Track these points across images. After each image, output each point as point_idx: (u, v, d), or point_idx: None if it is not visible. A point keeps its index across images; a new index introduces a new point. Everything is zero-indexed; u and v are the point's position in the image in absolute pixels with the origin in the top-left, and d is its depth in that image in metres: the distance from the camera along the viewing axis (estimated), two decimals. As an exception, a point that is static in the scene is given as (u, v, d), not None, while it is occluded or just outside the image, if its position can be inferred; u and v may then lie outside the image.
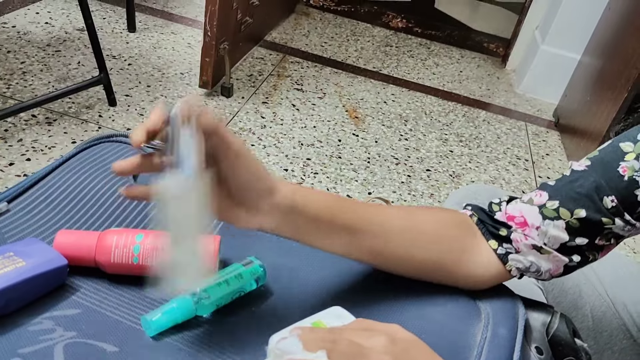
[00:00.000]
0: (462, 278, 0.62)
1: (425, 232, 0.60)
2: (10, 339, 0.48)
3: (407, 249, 0.59)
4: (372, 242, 0.58)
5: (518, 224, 0.60)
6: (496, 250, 0.61)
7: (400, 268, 0.62)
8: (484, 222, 0.62)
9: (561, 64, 2.38)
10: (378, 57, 2.54)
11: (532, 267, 0.60)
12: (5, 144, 1.53)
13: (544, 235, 0.59)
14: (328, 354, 0.44)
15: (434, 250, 0.60)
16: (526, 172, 1.97)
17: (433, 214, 0.63)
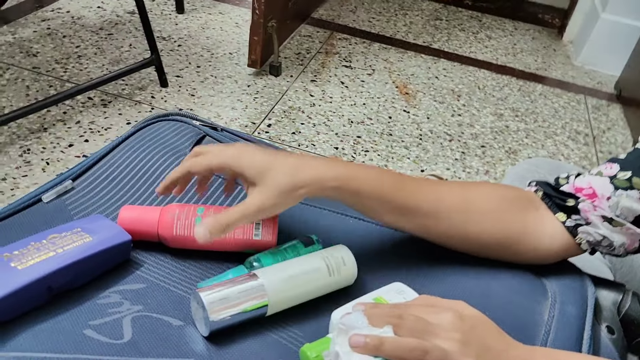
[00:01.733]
0: (525, 253, 0.60)
1: (480, 209, 0.59)
2: (81, 311, 0.50)
3: (460, 227, 0.58)
4: (422, 221, 0.57)
5: (587, 195, 0.57)
6: (565, 223, 0.58)
7: (456, 245, 0.60)
8: (549, 195, 0.60)
9: (623, 33, 2.26)
10: (428, 31, 2.48)
11: (604, 242, 0.57)
12: (64, 126, 1.58)
13: (615, 207, 0.56)
14: (394, 329, 0.43)
15: (489, 226, 0.58)
16: (586, 147, 1.89)
17: (488, 190, 0.60)
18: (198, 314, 0.50)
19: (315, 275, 0.53)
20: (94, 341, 0.47)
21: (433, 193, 0.58)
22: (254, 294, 0.50)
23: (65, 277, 0.50)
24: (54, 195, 0.62)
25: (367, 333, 0.43)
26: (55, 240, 0.51)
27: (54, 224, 0.58)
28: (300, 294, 0.53)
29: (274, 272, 0.52)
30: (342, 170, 0.53)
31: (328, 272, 0.54)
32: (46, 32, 1.99)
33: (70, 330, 0.48)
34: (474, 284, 0.60)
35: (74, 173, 0.65)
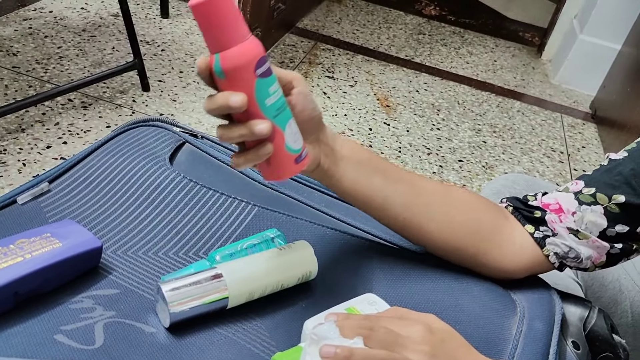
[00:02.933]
0: (494, 258, 0.61)
1: (459, 199, 0.61)
2: (52, 316, 0.49)
3: (443, 208, 0.59)
4: (405, 190, 0.58)
5: (553, 210, 0.59)
6: (533, 235, 0.60)
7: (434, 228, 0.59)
8: (518, 209, 0.61)
9: (600, 54, 2.32)
10: (410, 45, 2.51)
11: (571, 253, 0.59)
12: (43, 127, 1.56)
13: (580, 221, 0.57)
14: (365, 341, 0.44)
15: (470, 216, 0.60)
16: (561, 164, 1.93)
17: (466, 190, 0.63)
18: (160, 306, 0.51)
19: (267, 254, 0.56)
20: (65, 346, 0.47)
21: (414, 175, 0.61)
22: (214, 288, 0.51)
23: (32, 283, 0.49)
24: (30, 197, 0.62)
25: (337, 344, 0.44)
26: (23, 245, 0.51)
27: (28, 225, 0.58)
28: (258, 278, 0.54)
29: (234, 266, 0.53)
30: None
31: (279, 249, 0.56)
32: (27, 31, 1.97)
33: (40, 335, 0.47)
34: (445, 297, 0.61)
35: (51, 175, 0.65)
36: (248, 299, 0.54)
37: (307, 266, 0.57)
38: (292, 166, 0.49)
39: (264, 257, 0.55)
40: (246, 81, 0.44)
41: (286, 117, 0.47)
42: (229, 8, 0.43)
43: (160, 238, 0.60)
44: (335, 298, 0.57)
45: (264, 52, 0.45)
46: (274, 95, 0.46)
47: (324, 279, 0.60)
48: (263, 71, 0.45)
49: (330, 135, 0.55)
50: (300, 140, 0.49)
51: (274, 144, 0.47)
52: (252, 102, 0.45)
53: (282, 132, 0.47)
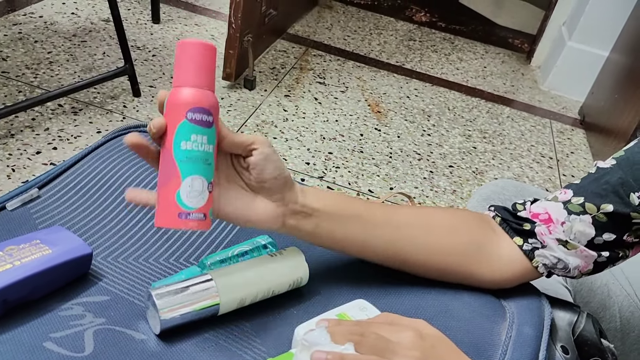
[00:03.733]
0: (482, 274, 0.61)
1: (439, 224, 0.61)
2: (42, 323, 0.49)
3: (423, 238, 0.59)
4: (385, 232, 0.58)
5: (542, 220, 0.59)
6: (522, 247, 0.60)
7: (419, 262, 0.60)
8: (506, 220, 0.62)
9: (588, 61, 2.34)
10: (401, 51, 2.53)
11: (560, 264, 0.59)
12: (32, 132, 1.56)
13: (569, 231, 0.58)
14: (356, 347, 0.44)
15: (451, 240, 0.60)
16: (550, 170, 1.95)
17: (446, 210, 0.63)
18: (151, 312, 0.51)
19: (258, 260, 0.56)
20: (54, 354, 0.47)
21: (391, 209, 0.60)
22: (205, 295, 0.51)
23: (21, 290, 0.49)
24: (19, 203, 0.61)
25: (328, 350, 0.44)
26: (12, 252, 0.51)
27: (17, 232, 0.57)
28: (249, 285, 0.54)
29: (225, 272, 0.53)
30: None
31: (270, 255, 0.56)
32: (17, 36, 1.96)
33: (30, 343, 0.47)
34: (435, 303, 0.61)
35: (41, 181, 0.65)
36: (239, 305, 0.54)
37: (298, 272, 0.57)
38: (174, 218, 0.47)
39: (255, 263, 0.55)
40: (174, 117, 0.47)
41: (194, 171, 0.47)
42: (204, 58, 0.48)
43: (150, 244, 0.60)
44: (326, 304, 0.57)
45: (208, 105, 0.48)
46: (194, 144, 0.47)
47: (315, 285, 0.60)
48: (196, 119, 0.47)
49: (299, 192, 0.54)
50: (201, 202, 0.48)
51: (165, 187, 0.47)
52: (169, 137, 0.47)
53: (179, 179, 0.47)
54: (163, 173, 0.48)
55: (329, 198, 0.56)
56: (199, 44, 0.47)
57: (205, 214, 0.48)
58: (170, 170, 0.47)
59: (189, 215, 0.47)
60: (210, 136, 0.48)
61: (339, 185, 1.63)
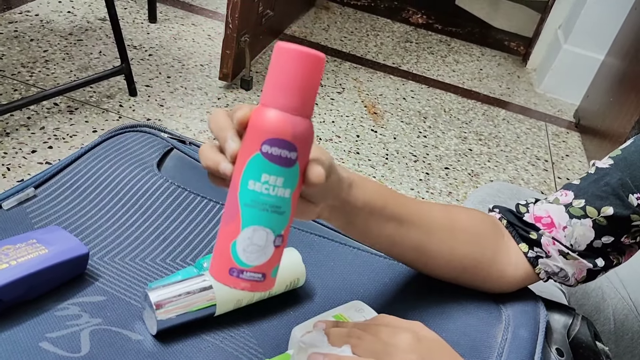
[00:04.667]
0: (494, 279, 0.61)
1: (464, 229, 0.59)
2: (38, 323, 0.49)
3: (449, 244, 0.58)
4: (416, 234, 0.56)
5: (545, 225, 0.60)
6: (527, 254, 0.60)
7: (440, 265, 0.59)
8: (513, 224, 0.62)
9: (583, 64, 2.35)
10: (398, 52, 2.53)
11: (561, 273, 0.60)
12: (28, 131, 1.55)
13: (570, 235, 0.58)
14: (353, 349, 0.44)
15: (473, 247, 0.59)
16: (545, 172, 1.96)
17: (468, 212, 0.62)
18: (147, 313, 0.50)
19: None
20: (50, 354, 0.46)
21: (425, 209, 0.57)
22: (202, 295, 0.51)
23: (18, 290, 0.49)
24: (15, 203, 0.61)
25: (326, 352, 0.44)
26: (8, 251, 0.50)
27: (13, 231, 0.57)
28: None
29: None
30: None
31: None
32: (13, 34, 1.95)
33: (25, 343, 0.47)
34: (432, 305, 0.61)
35: (37, 180, 0.64)
36: (236, 306, 0.53)
37: (295, 273, 0.57)
38: (225, 274, 0.39)
39: None
40: (248, 146, 0.38)
41: (258, 220, 0.38)
42: (304, 73, 0.37)
43: (147, 244, 0.60)
44: (323, 305, 0.57)
45: (292, 138, 0.37)
46: (263, 186, 0.38)
47: (312, 286, 0.60)
48: (273, 154, 0.37)
49: (345, 188, 0.48)
50: (261, 260, 0.39)
51: (224, 231, 0.39)
52: (238, 170, 0.38)
53: (238, 227, 0.38)
54: (226, 212, 0.39)
55: (373, 194, 0.52)
56: (302, 54, 0.37)
57: (264, 273, 0.39)
58: (232, 212, 0.38)
59: (242, 273, 0.39)
60: (288, 178, 0.38)
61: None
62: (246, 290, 0.39)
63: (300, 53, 0.37)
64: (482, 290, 0.63)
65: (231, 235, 0.38)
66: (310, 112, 0.38)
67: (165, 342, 0.50)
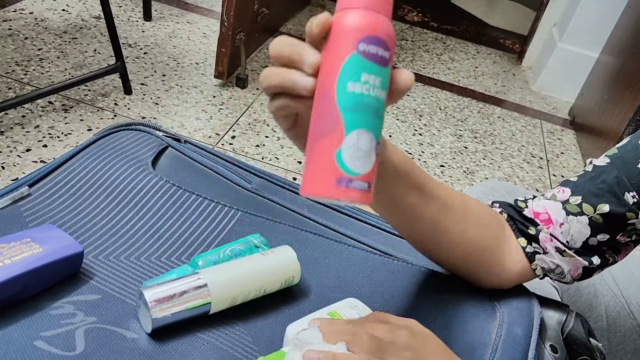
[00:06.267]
0: (494, 272, 0.62)
1: (477, 215, 0.60)
2: (32, 322, 0.49)
3: (463, 225, 0.58)
4: (435, 208, 0.56)
5: (543, 221, 0.60)
6: (525, 249, 0.61)
7: (452, 246, 0.59)
8: (513, 218, 0.62)
9: (578, 62, 2.36)
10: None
11: (557, 270, 0.61)
12: (22, 129, 1.54)
13: (567, 232, 0.59)
14: (348, 346, 0.44)
15: (483, 233, 0.60)
16: (540, 170, 1.96)
17: (476, 201, 0.62)
18: (142, 311, 0.50)
19: (250, 259, 0.55)
20: (45, 353, 0.46)
21: (445, 188, 0.58)
22: (197, 293, 0.51)
23: (12, 289, 0.49)
24: (9, 201, 0.61)
25: (321, 349, 0.44)
26: (2, 250, 0.50)
27: (7, 230, 0.57)
28: (241, 283, 0.53)
29: (217, 271, 0.53)
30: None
31: (261, 254, 0.56)
32: (7, 32, 1.94)
33: (20, 341, 0.47)
34: (426, 302, 0.61)
35: (31, 179, 0.64)
36: (231, 304, 0.54)
37: (290, 271, 0.57)
38: (331, 186, 0.36)
39: (246, 262, 0.55)
40: (339, 48, 0.36)
41: (363, 123, 0.36)
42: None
43: (142, 243, 0.60)
44: (318, 303, 0.57)
45: (386, 36, 0.36)
46: (364, 86, 0.36)
47: (307, 284, 0.60)
48: (370, 52, 0.36)
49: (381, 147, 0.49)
50: (368, 167, 0.37)
51: (320, 143, 0.37)
52: (330, 74, 0.36)
53: (342, 132, 0.36)
54: (317, 124, 0.37)
55: (402, 159, 0.52)
56: None
57: (370, 182, 0.37)
58: (329, 121, 0.36)
59: (351, 182, 0.36)
60: (384, 78, 0.37)
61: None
62: (356, 200, 0.37)
63: None
64: (480, 284, 0.63)
65: (334, 143, 0.36)
66: (391, 12, 0.37)
67: (160, 341, 0.50)
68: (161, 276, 0.55)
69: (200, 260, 0.56)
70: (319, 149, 0.37)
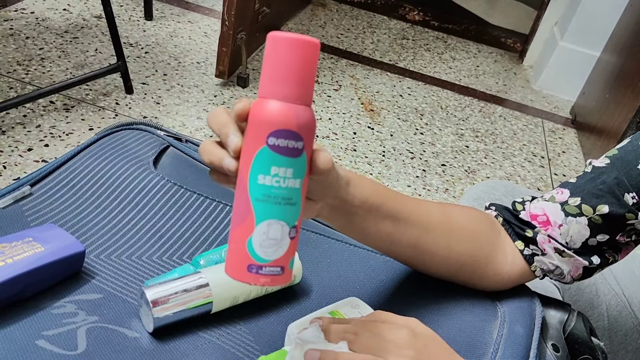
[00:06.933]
0: (490, 277, 0.61)
1: (461, 227, 0.59)
2: (34, 321, 0.49)
3: (446, 241, 0.58)
4: (414, 232, 0.56)
5: (541, 222, 0.60)
6: (522, 252, 0.61)
7: (437, 262, 0.59)
8: (509, 222, 0.62)
9: (580, 60, 2.36)
10: (394, 49, 2.53)
11: (557, 270, 0.60)
12: (24, 129, 1.55)
13: (566, 233, 0.59)
14: (349, 345, 0.44)
15: (470, 244, 0.59)
16: (542, 169, 1.96)
17: (464, 210, 0.62)
18: (144, 310, 0.50)
19: None
20: (47, 352, 0.47)
21: (422, 207, 0.57)
22: (198, 293, 0.51)
23: (14, 288, 0.49)
24: (11, 201, 0.61)
25: (322, 348, 0.44)
26: (4, 249, 0.50)
27: (9, 230, 0.57)
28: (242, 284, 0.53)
29: (218, 270, 0.53)
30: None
31: None
32: (8, 32, 1.95)
33: (22, 341, 0.47)
34: (427, 302, 0.61)
35: (33, 178, 0.64)
36: (232, 303, 0.54)
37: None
38: (243, 271, 0.39)
39: None
40: (252, 140, 0.37)
41: (272, 214, 0.38)
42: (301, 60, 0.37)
43: (143, 242, 0.60)
44: (319, 302, 0.57)
45: (297, 127, 0.37)
46: (274, 179, 0.37)
47: (308, 283, 0.60)
48: (280, 145, 0.37)
49: (343, 186, 0.48)
50: (278, 253, 0.39)
51: (237, 230, 0.39)
52: (245, 166, 0.38)
53: (252, 223, 0.38)
54: (236, 210, 0.39)
55: (371, 192, 0.52)
56: (296, 41, 0.36)
57: (283, 266, 0.39)
58: (244, 209, 0.38)
59: (261, 269, 0.39)
60: (297, 168, 0.38)
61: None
62: (267, 285, 0.39)
63: (295, 41, 0.36)
64: (479, 288, 0.63)
65: (246, 232, 0.38)
66: (310, 99, 0.38)
67: (161, 340, 0.50)
68: (163, 275, 0.55)
69: (201, 259, 0.56)
70: (235, 234, 0.39)
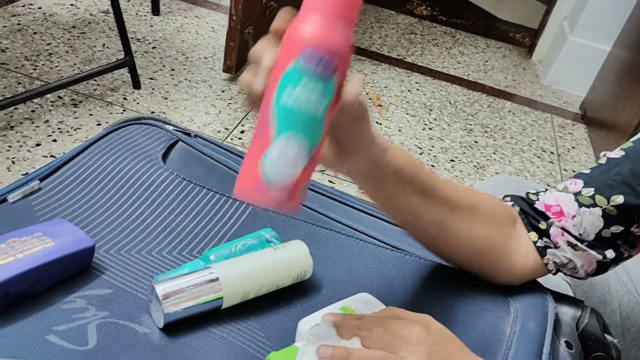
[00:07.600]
0: (505, 269, 0.61)
1: (485, 212, 0.59)
2: (45, 316, 0.49)
3: (469, 223, 0.58)
4: (440, 209, 0.56)
5: (555, 213, 0.59)
6: (536, 243, 0.60)
7: (459, 246, 0.59)
8: (525, 212, 0.61)
9: (590, 55, 2.33)
10: (402, 44, 2.52)
11: (570, 264, 0.60)
12: (32, 124, 1.55)
13: (579, 224, 0.58)
14: (362, 341, 0.44)
15: (490, 231, 0.59)
16: (551, 164, 1.95)
17: (488, 196, 0.62)
18: (154, 306, 0.50)
19: (262, 253, 0.55)
20: (57, 347, 0.46)
21: (450, 186, 0.58)
22: (209, 288, 0.50)
23: (24, 283, 0.49)
24: (20, 196, 0.61)
25: (335, 344, 0.43)
26: (14, 244, 0.50)
27: (19, 224, 0.57)
28: (253, 278, 0.53)
29: (229, 266, 0.53)
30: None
31: (273, 249, 0.56)
32: (16, 27, 1.95)
33: (32, 336, 0.47)
34: (440, 298, 0.61)
35: (42, 173, 0.64)
36: (243, 299, 0.53)
37: (302, 266, 0.56)
38: (252, 188, 0.37)
39: (258, 256, 0.55)
40: (286, 54, 0.36)
41: (293, 128, 0.37)
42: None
43: (153, 237, 0.60)
44: (330, 297, 0.57)
45: (333, 47, 0.36)
46: (301, 93, 0.36)
47: (319, 279, 0.59)
48: (312, 62, 0.36)
49: (379, 152, 0.49)
50: (291, 174, 0.37)
51: (254, 144, 0.37)
52: (274, 79, 0.37)
53: (271, 136, 0.36)
54: (259, 125, 0.38)
55: (406, 163, 0.52)
56: None
57: (293, 191, 0.37)
58: (265, 123, 0.36)
59: (272, 185, 0.36)
60: (326, 88, 0.37)
61: (340, 178, 1.62)
62: (271, 207, 0.37)
63: None
64: (492, 280, 0.62)
65: (264, 145, 0.36)
66: (351, 23, 0.36)
67: (172, 335, 0.50)
68: (173, 270, 0.55)
69: (212, 254, 0.56)
70: (251, 150, 0.38)
